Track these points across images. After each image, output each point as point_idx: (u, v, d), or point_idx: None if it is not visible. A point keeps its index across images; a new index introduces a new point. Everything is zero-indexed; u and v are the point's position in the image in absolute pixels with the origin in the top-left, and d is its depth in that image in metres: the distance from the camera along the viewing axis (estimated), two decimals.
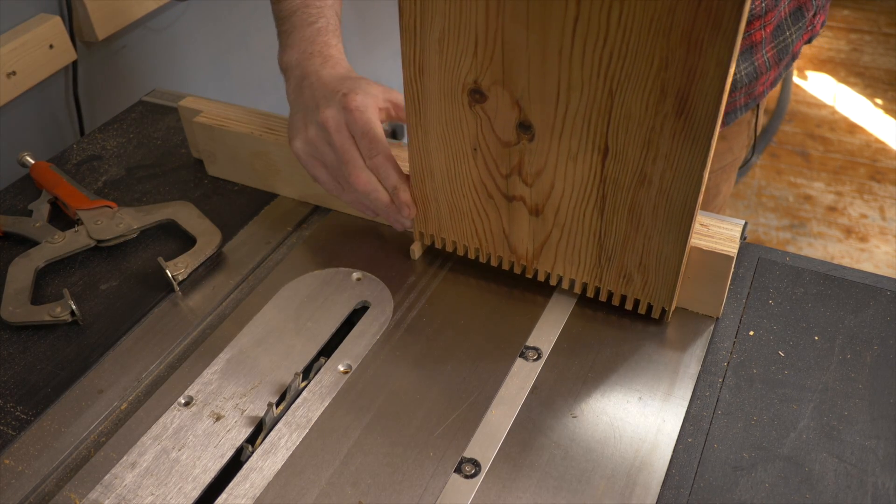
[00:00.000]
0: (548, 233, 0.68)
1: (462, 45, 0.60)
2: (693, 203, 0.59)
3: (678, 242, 0.63)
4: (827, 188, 2.28)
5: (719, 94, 0.53)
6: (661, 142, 0.57)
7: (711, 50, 0.51)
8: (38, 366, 0.70)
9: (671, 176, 0.59)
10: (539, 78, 0.58)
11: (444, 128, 0.66)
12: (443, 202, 0.72)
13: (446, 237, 0.75)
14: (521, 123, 0.62)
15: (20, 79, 1.02)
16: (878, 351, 0.67)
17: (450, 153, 0.68)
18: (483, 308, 0.73)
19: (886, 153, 2.40)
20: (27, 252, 0.79)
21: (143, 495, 0.59)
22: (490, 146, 0.65)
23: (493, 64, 0.60)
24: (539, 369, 0.67)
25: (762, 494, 0.58)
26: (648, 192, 0.61)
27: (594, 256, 0.68)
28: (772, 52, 0.93)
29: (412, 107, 0.66)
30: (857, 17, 3.05)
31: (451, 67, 0.62)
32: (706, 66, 0.52)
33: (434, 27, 0.60)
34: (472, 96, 0.62)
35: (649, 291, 0.68)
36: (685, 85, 0.54)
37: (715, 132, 0.55)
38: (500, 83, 0.60)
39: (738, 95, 0.95)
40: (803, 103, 2.63)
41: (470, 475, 0.60)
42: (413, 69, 0.64)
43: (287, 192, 0.87)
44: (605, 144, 0.60)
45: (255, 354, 0.70)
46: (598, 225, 0.65)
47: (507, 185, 0.67)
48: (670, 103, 0.55)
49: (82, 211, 0.83)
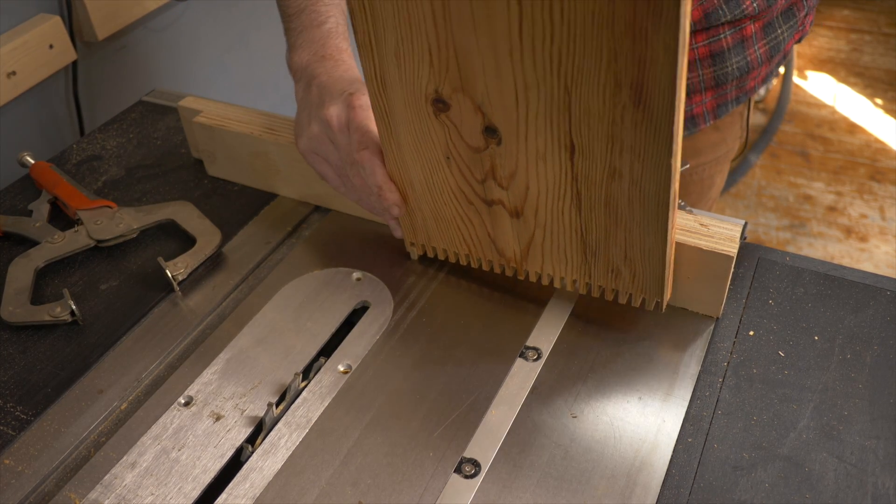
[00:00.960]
0: (531, 233, 0.69)
1: (417, 55, 0.60)
2: (666, 192, 0.59)
3: (659, 233, 0.62)
4: (827, 188, 2.28)
5: (672, 79, 0.52)
6: (625, 134, 0.57)
7: (657, 37, 0.51)
8: (38, 366, 0.70)
9: (640, 167, 0.59)
10: (495, 81, 0.58)
11: (415, 139, 0.66)
12: (427, 212, 0.72)
13: (436, 246, 0.76)
14: (486, 128, 0.62)
15: (20, 79, 1.02)
16: (878, 351, 0.67)
17: (425, 164, 0.68)
18: (483, 308, 0.73)
19: (886, 153, 2.40)
20: (27, 252, 0.79)
21: (143, 495, 0.59)
22: (461, 153, 0.65)
23: (449, 72, 0.60)
24: (539, 369, 0.67)
25: (762, 494, 0.58)
26: (621, 185, 0.61)
27: (579, 253, 0.68)
28: (764, 49, 0.93)
29: (382, 122, 0.66)
30: (857, 17, 3.05)
31: (411, 79, 0.62)
32: (655, 54, 0.52)
33: (388, 41, 0.60)
34: (436, 105, 0.62)
35: (639, 284, 0.68)
36: (637, 74, 0.53)
37: (676, 119, 0.54)
38: (460, 90, 0.60)
39: (730, 88, 0.95)
40: (803, 103, 2.63)
41: (470, 475, 0.60)
42: (376, 84, 0.64)
43: (287, 192, 0.87)
44: (570, 142, 0.60)
45: (254, 354, 0.70)
46: (577, 222, 0.65)
47: (484, 190, 0.67)
48: (626, 94, 0.55)
49: (82, 211, 0.83)
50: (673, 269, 0.68)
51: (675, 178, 0.59)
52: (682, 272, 0.68)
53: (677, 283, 0.70)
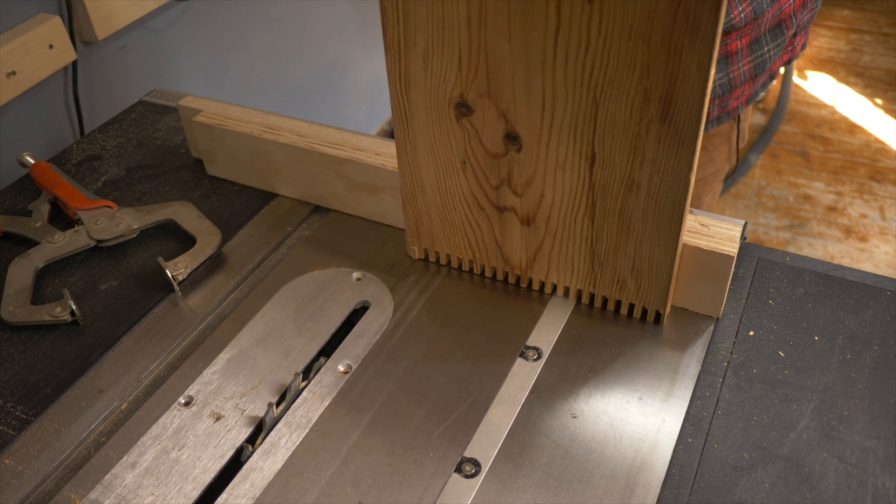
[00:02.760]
0: (540, 241, 0.69)
1: (446, 59, 0.60)
2: (682, 207, 0.60)
3: (669, 246, 0.63)
4: (827, 188, 2.28)
5: (701, 97, 0.53)
6: (647, 147, 0.58)
7: (691, 54, 0.51)
8: (38, 366, 0.70)
9: (658, 180, 0.59)
10: (524, 89, 0.59)
11: (432, 142, 0.66)
12: (434, 216, 0.73)
13: (440, 250, 0.76)
14: (508, 134, 0.62)
15: (20, 79, 1.02)
16: (878, 351, 0.67)
17: (439, 167, 0.68)
18: (483, 308, 0.73)
19: (886, 153, 2.39)
20: (27, 252, 0.79)
21: (143, 495, 0.59)
22: (479, 158, 0.65)
23: (477, 77, 0.60)
24: (539, 369, 0.67)
25: (762, 494, 0.58)
26: (637, 198, 0.61)
27: (587, 263, 0.68)
28: (748, 66, 0.93)
29: (400, 123, 0.67)
30: (857, 17, 3.05)
31: (437, 82, 0.62)
32: (687, 71, 0.52)
33: (418, 43, 0.61)
34: (459, 110, 0.63)
35: (643, 295, 0.68)
36: (668, 90, 0.54)
37: (699, 136, 0.55)
38: (486, 96, 0.61)
39: (713, 107, 0.95)
40: (803, 103, 2.63)
41: (470, 475, 0.60)
42: (399, 85, 0.64)
43: (287, 191, 0.87)
44: (591, 151, 0.60)
45: (254, 354, 0.70)
46: (589, 231, 0.65)
47: (497, 197, 0.67)
48: (654, 108, 0.55)
49: (82, 211, 0.83)
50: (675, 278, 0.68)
51: (690, 194, 0.60)
52: (682, 272, 0.68)
53: (678, 283, 0.70)
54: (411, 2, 0.58)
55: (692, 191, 0.60)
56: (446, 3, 0.57)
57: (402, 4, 0.59)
